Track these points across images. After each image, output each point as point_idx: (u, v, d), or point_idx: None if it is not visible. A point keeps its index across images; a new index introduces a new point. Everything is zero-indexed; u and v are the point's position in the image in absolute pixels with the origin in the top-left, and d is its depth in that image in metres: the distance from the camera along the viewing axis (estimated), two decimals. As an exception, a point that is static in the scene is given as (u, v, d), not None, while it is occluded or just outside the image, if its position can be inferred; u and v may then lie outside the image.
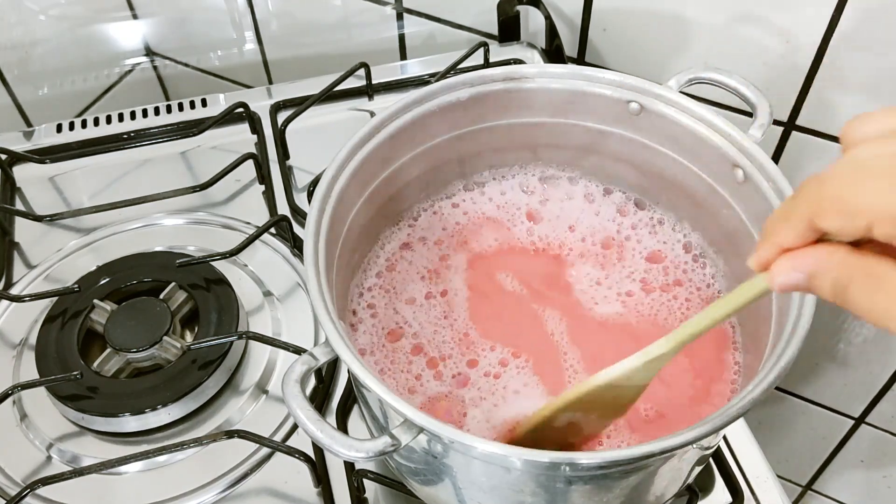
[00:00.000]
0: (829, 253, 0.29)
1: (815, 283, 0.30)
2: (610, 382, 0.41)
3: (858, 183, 0.27)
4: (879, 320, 0.28)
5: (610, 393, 0.42)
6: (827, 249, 0.30)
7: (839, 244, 0.29)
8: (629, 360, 0.41)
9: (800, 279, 0.30)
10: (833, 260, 0.29)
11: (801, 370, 0.92)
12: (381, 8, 0.87)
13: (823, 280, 0.30)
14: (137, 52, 1.01)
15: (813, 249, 0.30)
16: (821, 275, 0.30)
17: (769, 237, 0.31)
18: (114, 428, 0.57)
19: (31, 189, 0.75)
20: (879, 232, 0.27)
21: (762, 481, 0.54)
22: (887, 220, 0.26)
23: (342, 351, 0.40)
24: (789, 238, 0.30)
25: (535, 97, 0.54)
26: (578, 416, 0.44)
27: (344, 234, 0.49)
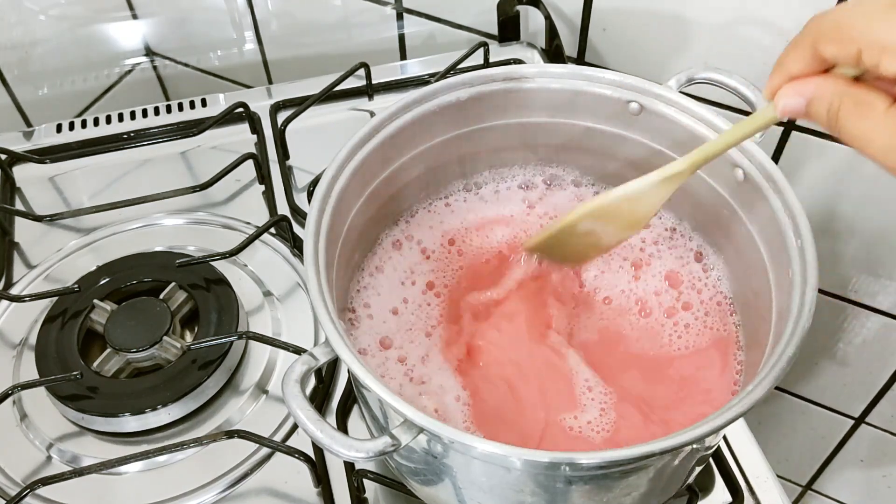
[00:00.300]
0: (827, 81, 0.33)
1: (812, 109, 0.34)
2: (629, 195, 0.46)
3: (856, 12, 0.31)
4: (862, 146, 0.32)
5: (628, 206, 0.46)
6: (826, 78, 0.33)
7: (839, 76, 0.33)
8: (648, 177, 0.45)
9: (800, 104, 0.34)
10: (830, 87, 0.33)
11: (801, 370, 0.92)
12: (381, 8, 0.87)
13: (820, 105, 0.33)
14: (137, 52, 1.01)
15: (814, 77, 0.33)
16: (818, 100, 0.33)
17: (779, 66, 0.34)
18: (114, 428, 0.57)
19: (31, 189, 0.75)
20: (868, 58, 0.30)
21: (762, 481, 0.54)
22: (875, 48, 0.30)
23: (342, 351, 0.40)
24: (796, 65, 0.34)
25: (534, 97, 0.54)
26: (598, 226, 0.47)
27: (344, 234, 0.49)
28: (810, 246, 0.43)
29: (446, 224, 0.58)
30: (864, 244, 0.76)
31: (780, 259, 0.45)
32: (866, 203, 0.73)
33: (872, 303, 0.81)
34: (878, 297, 0.80)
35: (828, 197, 0.75)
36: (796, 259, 0.43)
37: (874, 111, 0.31)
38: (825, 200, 0.75)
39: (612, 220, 0.48)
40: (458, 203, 0.59)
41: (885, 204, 0.72)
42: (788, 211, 0.45)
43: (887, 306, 0.80)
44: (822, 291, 0.81)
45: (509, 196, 0.59)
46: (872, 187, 0.72)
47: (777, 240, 0.46)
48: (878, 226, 0.74)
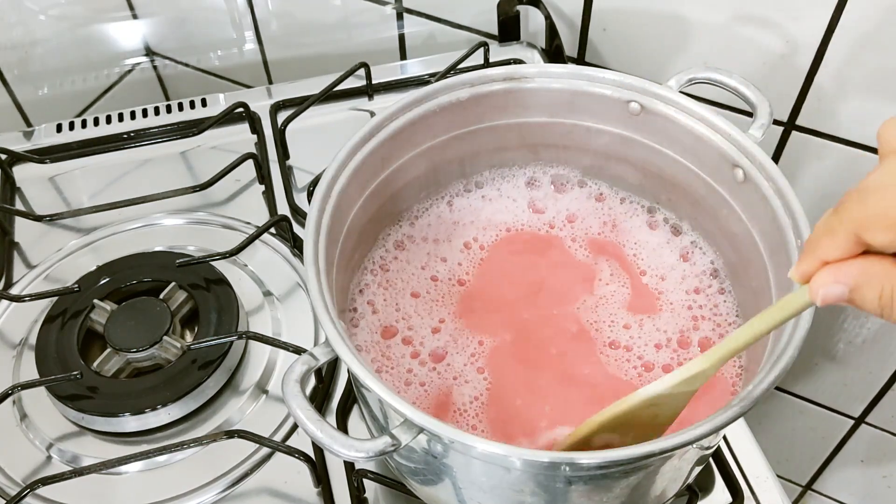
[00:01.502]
0: (873, 265, 0.29)
1: (858, 296, 0.30)
2: (649, 399, 0.41)
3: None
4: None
5: (648, 412, 0.41)
6: (871, 261, 0.29)
7: (883, 256, 0.29)
8: (670, 377, 0.40)
9: (843, 291, 0.30)
10: (878, 271, 0.29)
11: (801, 370, 0.92)
12: (381, 8, 0.87)
13: (868, 292, 0.29)
14: (137, 52, 1.01)
15: (856, 261, 0.29)
16: (865, 287, 0.29)
17: (812, 251, 0.31)
18: (114, 428, 0.57)
19: (31, 189, 0.75)
20: None
21: (762, 481, 0.54)
22: None
23: (342, 351, 0.40)
24: (834, 253, 0.30)
25: (535, 97, 0.54)
26: (615, 438, 0.43)
27: (344, 234, 0.49)
28: (810, 246, 0.43)
29: (446, 224, 0.58)
30: (864, 244, 0.76)
31: (780, 259, 0.45)
32: (866, 203, 0.73)
33: None
34: (878, 297, 0.80)
35: (828, 197, 0.75)
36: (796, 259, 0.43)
37: None
38: (825, 200, 0.75)
39: (630, 429, 0.43)
40: (458, 203, 0.59)
41: (885, 204, 0.72)
42: (788, 211, 0.45)
43: (887, 306, 0.80)
44: (822, 291, 0.81)
45: (509, 196, 0.59)
46: (872, 187, 0.72)
47: (777, 240, 0.46)
48: (878, 226, 0.74)
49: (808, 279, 0.31)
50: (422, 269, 0.56)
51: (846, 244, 0.29)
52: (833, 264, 0.30)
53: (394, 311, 0.53)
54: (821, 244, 0.30)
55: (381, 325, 0.53)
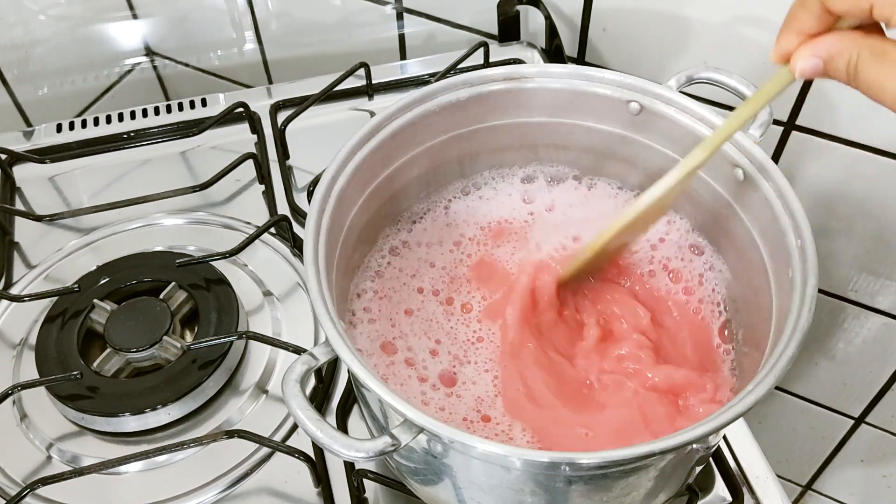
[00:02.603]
0: (843, 36, 0.33)
1: (831, 67, 0.34)
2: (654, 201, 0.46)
3: None
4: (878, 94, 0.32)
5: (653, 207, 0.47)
6: (839, 34, 0.33)
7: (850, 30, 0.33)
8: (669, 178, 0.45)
9: (818, 63, 0.34)
10: (846, 42, 0.33)
11: (802, 370, 0.92)
12: (381, 8, 0.87)
13: (838, 62, 0.33)
14: (137, 52, 1.01)
15: (828, 35, 0.34)
16: (835, 57, 0.33)
17: (788, 25, 0.34)
18: (114, 428, 0.57)
19: (31, 189, 0.75)
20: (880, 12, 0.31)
21: (762, 481, 0.54)
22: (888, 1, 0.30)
23: (342, 351, 0.40)
24: (807, 22, 0.34)
25: (535, 97, 0.54)
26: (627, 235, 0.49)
27: (344, 234, 0.49)
28: (810, 246, 0.43)
29: (446, 223, 0.58)
30: (864, 244, 0.76)
31: (780, 259, 0.45)
32: (866, 203, 0.73)
33: (872, 303, 0.81)
34: (878, 297, 0.80)
35: (828, 197, 0.75)
36: (796, 259, 0.43)
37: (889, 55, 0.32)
38: (825, 200, 0.75)
39: (639, 226, 0.49)
40: (458, 203, 0.59)
41: (885, 204, 0.72)
42: (788, 211, 0.45)
43: (887, 306, 0.80)
44: (822, 291, 0.81)
45: (509, 196, 0.59)
46: (872, 187, 0.72)
47: (777, 240, 0.46)
48: (878, 226, 0.74)
49: (787, 57, 0.35)
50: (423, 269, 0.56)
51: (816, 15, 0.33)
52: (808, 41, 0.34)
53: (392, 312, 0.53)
54: (796, 17, 0.34)
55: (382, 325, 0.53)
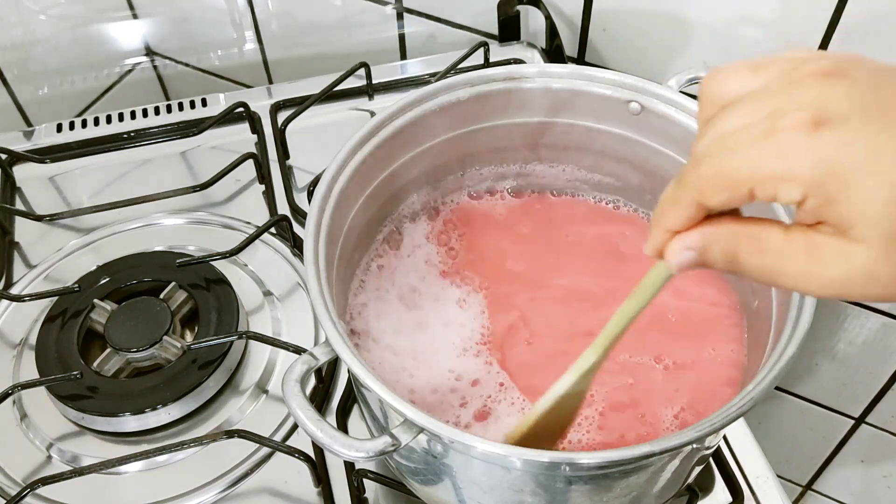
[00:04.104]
0: (713, 227, 0.31)
1: (707, 257, 0.31)
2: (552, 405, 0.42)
3: (734, 155, 0.28)
4: (769, 279, 0.30)
5: (554, 413, 0.43)
6: (711, 225, 0.31)
7: (722, 217, 0.31)
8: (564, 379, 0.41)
9: (692, 256, 0.31)
10: (718, 232, 0.31)
11: (801, 370, 0.92)
12: (381, 8, 0.87)
13: (714, 252, 0.31)
14: (137, 52, 1.01)
15: (699, 227, 0.31)
16: (710, 248, 0.31)
17: (660, 223, 0.32)
18: (114, 428, 0.57)
19: (31, 189, 0.75)
20: (763, 194, 0.28)
21: (762, 481, 0.54)
22: (769, 182, 0.27)
23: (342, 351, 0.40)
24: (679, 221, 0.31)
25: (535, 97, 0.54)
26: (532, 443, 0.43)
27: (344, 234, 0.49)
28: (810, 246, 0.43)
29: (446, 223, 0.58)
30: (864, 244, 0.76)
31: (780, 259, 0.45)
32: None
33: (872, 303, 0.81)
34: (878, 297, 0.80)
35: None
36: (796, 259, 0.43)
37: (773, 242, 0.29)
38: (825, 200, 0.75)
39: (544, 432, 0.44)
40: (457, 203, 0.59)
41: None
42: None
43: (887, 306, 0.80)
44: (822, 291, 0.81)
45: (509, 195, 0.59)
46: (872, 187, 0.72)
47: (777, 240, 0.45)
48: (878, 226, 0.74)
49: (661, 252, 0.33)
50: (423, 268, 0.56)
51: (690, 211, 0.31)
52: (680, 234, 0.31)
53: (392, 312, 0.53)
54: (667, 216, 0.32)
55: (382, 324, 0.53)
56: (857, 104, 0.27)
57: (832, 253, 0.28)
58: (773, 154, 0.27)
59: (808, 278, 0.29)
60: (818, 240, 0.28)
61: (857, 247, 0.27)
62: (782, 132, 0.27)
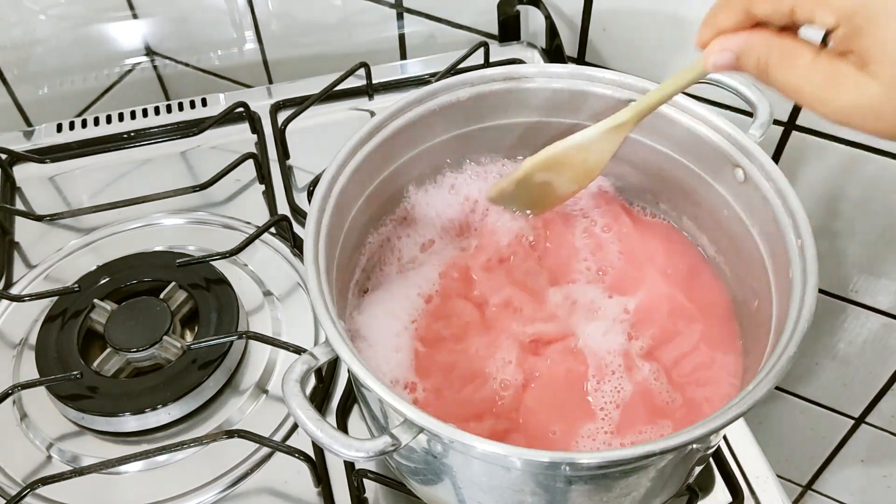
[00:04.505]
0: (754, 35, 0.34)
1: (742, 62, 0.35)
2: (580, 144, 0.49)
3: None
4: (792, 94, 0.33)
5: (580, 155, 0.49)
6: (752, 32, 0.34)
7: (764, 28, 0.34)
8: (596, 126, 0.48)
9: (730, 58, 0.35)
10: (757, 40, 0.34)
11: (801, 370, 0.92)
12: (381, 8, 0.87)
13: (749, 58, 0.34)
14: (137, 52, 1.01)
15: (741, 32, 0.34)
16: (746, 53, 0.34)
17: (711, 21, 0.35)
18: (114, 428, 0.57)
19: (31, 189, 0.75)
20: (802, 14, 0.31)
21: (762, 481, 0.54)
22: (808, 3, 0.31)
23: (342, 351, 0.40)
24: (728, 22, 0.35)
25: (535, 97, 0.54)
26: (553, 175, 0.50)
27: (344, 234, 0.49)
28: (810, 246, 0.43)
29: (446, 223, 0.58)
30: (864, 244, 0.76)
31: (780, 259, 0.45)
32: (866, 203, 0.73)
33: (872, 303, 0.81)
34: (878, 297, 0.80)
35: (828, 197, 0.75)
36: (796, 259, 0.43)
37: (801, 61, 0.32)
38: (825, 200, 0.75)
39: (565, 170, 0.50)
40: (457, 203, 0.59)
41: (885, 204, 0.72)
42: (788, 211, 0.45)
43: (887, 306, 0.80)
44: (822, 291, 0.81)
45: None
46: (872, 187, 0.72)
47: (777, 240, 0.46)
48: (878, 226, 0.74)
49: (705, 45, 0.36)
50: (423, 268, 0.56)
51: (738, 14, 0.34)
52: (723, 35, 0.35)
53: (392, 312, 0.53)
54: (718, 15, 0.35)
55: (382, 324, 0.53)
56: None
57: (849, 82, 0.31)
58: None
59: (824, 100, 0.32)
60: (840, 67, 0.31)
61: (870, 81, 0.30)
62: None
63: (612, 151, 0.49)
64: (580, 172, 0.51)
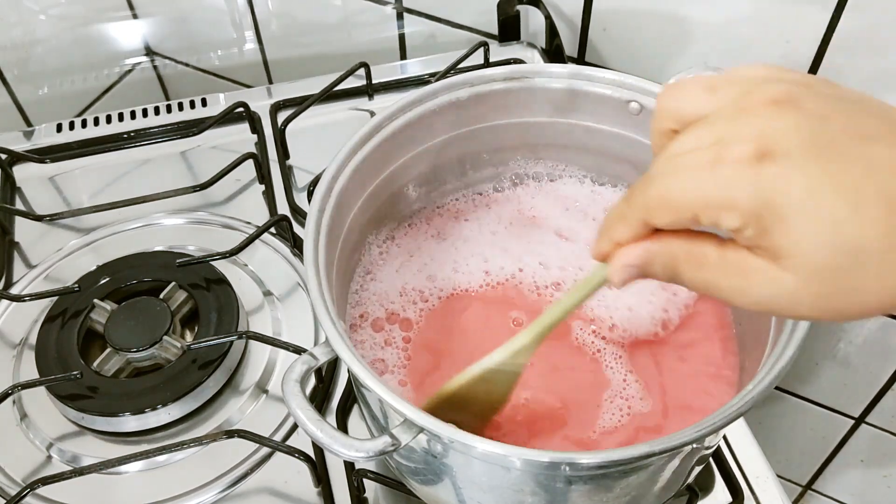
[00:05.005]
0: (655, 244, 0.32)
1: (649, 271, 0.33)
2: (480, 375, 0.44)
3: (680, 181, 0.30)
4: (707, 291, 0.31)
5: (482, 388, 0.44)
6: (652, 241, 0.32)
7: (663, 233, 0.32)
8: (495, 353, 0.43)
9: (634, 272, 0.33)
10: (659, 248, 0.32)
11: (801, 370, 0.92)
12: (381, 8, 0.87)
13: (654, 266, 0.33)
14: (137, 52, 1.01)
15: (641, 244, 0.33)
16: (650, 263, 0.33)
17: (607, 233, 0.34)
18: (114, 428, 0.57)
19: (31, 189, 0.75)
20: (705, 220, 0.30)
21: (762, 481, 0.54)
22: (711, 209, 0.29)
23: (342, 351, 0.40)
24: (625, 236, 0.33)
25: (535, 97, 0.54)
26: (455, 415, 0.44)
27: (344, 234, 0.49)
28: (810, 246, 0.43)
29: (446, 223, 0.58)
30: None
31: (780, 259, 0.45)
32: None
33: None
34: (878, 297, 0.80)
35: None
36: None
37: (709, 259, 0.31)
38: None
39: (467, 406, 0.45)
40: (457, 203, 0.59)
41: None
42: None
43: (887, 306, 0.80)
44: (822, 291, 0.81)
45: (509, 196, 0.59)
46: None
47: (777, 240, 0.45)
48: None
49: (605, 258, 0.34)
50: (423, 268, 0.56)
51: (636, 227, 0.32)
52: (622, 249, 0.33)
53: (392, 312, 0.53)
54: (614, 229, 0.33)
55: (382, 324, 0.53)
56: (801, 138, 0.28)
57: (762, 276, 0.29)
58: (715, 183, 0.29)
59: (741, 294, 0.30)
60: (751, 262, 0.30)
61: (785, 275, 0.29)
62: (726, 163, 0.28)
63: (516, 379, 0.44)
64: (486, 407, 0.46)
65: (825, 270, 0.28)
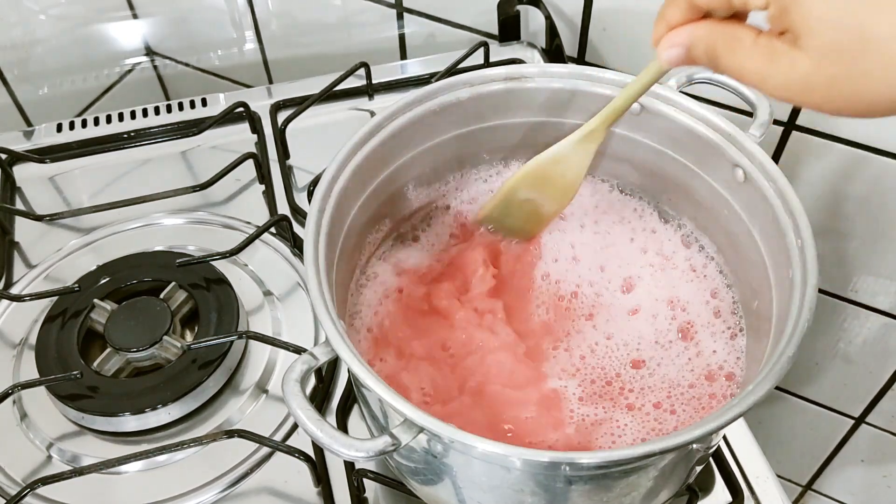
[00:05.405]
0: (699, 26, 0.36)
1: (692, 53, 0.37)
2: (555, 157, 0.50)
3: None
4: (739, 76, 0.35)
5: (557, 168, 0.51)
6: (697, 24, 0.36)
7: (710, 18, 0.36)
8: (569, 137, 0.49)
9: (679, 52, 0.37)
10: (702, 31, 0.36)
11: (801, 370, 0.92)
12: (381, 8, 0.87)
13: (697, 49, 0.36)
14: (137, 52, 1.01)
15: (687, 25, 0.37)
16: (694, 45, 0.37)
17: (661, 18, 0.38)
18: (114, 427, 0.57)
19: (31, 189, 0.75)
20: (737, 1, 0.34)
21: (762, 481, 0.54)
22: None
23: (342, 351, 0.40)
24: (676, 17, 0.37)
25: (535, 97, 0.54)
26: (535, 193, 0.51)
27: (344, 234, 0.49)
28: (810, 246, 0.43)
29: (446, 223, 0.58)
30: (864, 244, 0.76)
31: (780, 259, 0.45)
32: (866, 203, 0.73)
33: (872, 303, 0.81)
34: (878, 297, 0.80)
35: (828, 197, 0.75)
36: (796, 259, 0.43)
37: (743, 44, 0.34)
38: (825, 200, 0.75)
39: (545, 186, 0.52)
40: (457, 203, 0.59)
41: (885, 204, 0.72)
42: (788, 211, 0.45)
43: (887, 306, 0.80)
44: (822, 291, 0.81)
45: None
46: (872, 187, 0.72)
47: (777, 240, 0.46)
48: (878, 226, 0.74)
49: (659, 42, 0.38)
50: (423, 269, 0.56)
51: (684, 9, 0.36)
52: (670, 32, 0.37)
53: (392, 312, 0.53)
54: (666, 12, 0.37)
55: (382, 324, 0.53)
56: None
57: (784, 58, 0.32)
58: None
59: (764, 78, 0.34)
60: (776, 46, 0.33)
61: (800, 55, 0.32)
62: None
63: (588, 162, 0.50)
64: (560, 188, 0.52)
65: (835, 52, 0.30)
